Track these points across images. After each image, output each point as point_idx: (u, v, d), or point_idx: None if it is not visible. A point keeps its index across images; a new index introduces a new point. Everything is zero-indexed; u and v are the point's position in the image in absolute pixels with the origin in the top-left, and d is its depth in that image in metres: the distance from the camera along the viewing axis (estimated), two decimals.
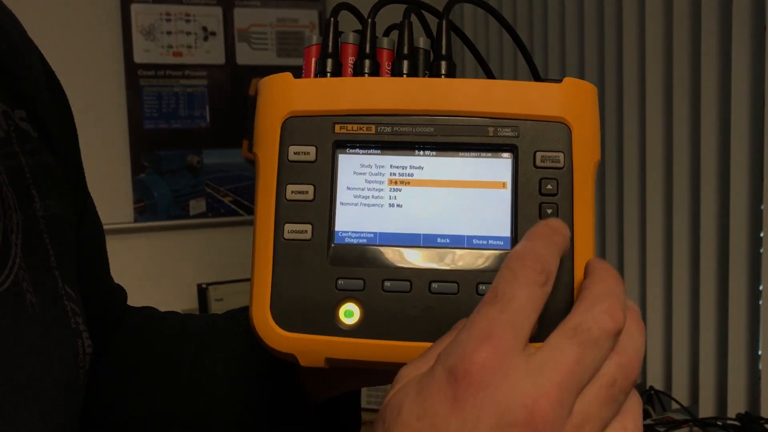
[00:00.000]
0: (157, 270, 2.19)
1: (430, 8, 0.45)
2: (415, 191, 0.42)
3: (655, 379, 1.61)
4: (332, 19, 0.44)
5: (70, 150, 0.55)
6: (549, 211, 0.40)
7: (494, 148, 0.41)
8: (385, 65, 0.44)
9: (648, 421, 1.41)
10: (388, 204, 0.42)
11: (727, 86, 1.40)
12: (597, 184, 0.41)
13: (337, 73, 0.44)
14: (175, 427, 0.55)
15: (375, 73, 0.44)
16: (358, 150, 0.42)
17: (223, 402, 0.54)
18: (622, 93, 1.65)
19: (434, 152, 0.42)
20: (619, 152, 1.67)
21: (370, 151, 0.42)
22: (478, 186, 0.41)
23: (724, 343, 1.44)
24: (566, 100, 0.41)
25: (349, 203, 0.42)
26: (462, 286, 0.40)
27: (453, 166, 0.41)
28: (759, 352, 1.39)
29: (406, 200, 0.42)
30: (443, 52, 0.43)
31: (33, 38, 0.54)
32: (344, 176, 0.42)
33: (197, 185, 2.24)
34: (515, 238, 0.40)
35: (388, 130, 0.41)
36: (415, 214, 0.41)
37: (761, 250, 1.36)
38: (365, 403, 1.29)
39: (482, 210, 0.41)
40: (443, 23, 0.43)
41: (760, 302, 1.38)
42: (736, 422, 1.31)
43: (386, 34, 0.46)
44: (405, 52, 0.43)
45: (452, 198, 0.41)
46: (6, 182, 0.45)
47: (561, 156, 0.40)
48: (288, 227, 0.41)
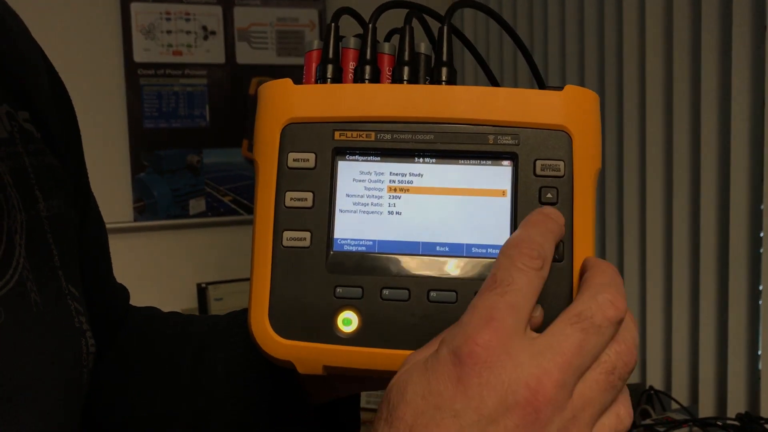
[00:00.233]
0: (157, 269, 2.19)
1: (431, 13, 0.45)
2: (415, 199, 0.41)
3: (654, 379, 1.61)
4: (333, 24, 0.44)
5: (73, 150, 0.55)
6: None
7: (494, 156, 0.41)
8: (386, 71, 0.44)
9: (648, 421, 1.41)
10: (387, 211, 0.41)
11: (727, 86, 1.40)
12: (597, 185, 0.41)
13: (338, 79, 0.43)
14: (175, 427, 0.55)
15: (375, 79, 0.43)
16: (357, 157, 0.42)
17: (223, 402, 0.54)
18: (622, 90, 1.65)
19: (434, 160, 0.42)
20: (619, 151, 1.67)
21: (369, 158, 0.42)
22: (477, 194, 0.41)
23: (723, 343, 1.44)
24: (567, 108, 0.41)
25: (348, 210, 0.42)
26: (461, 295, 0.40)
27: (453, 173, 0.41)
28: (759, 352, 1.39)
29: (406, 208, 0.41)
30: (444, 58, 0.43)
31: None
32: (343, 183, 0.42)
33: (197, 185, 2.24)
34: None
35: (388, 137, 0.41)
36: (414, 222, 0.41)
37: (761, 250, 1.36)
38: (365, 403, 1.29)
39: (482, 218, 0.41)
40: (444, 29, 0.43)
41: (760, 302, 1.38)
42: (735, 422, 1.31)
43: (387, 39, 0.46)
44: (406, 58, 0.43)
45: (452, 206, 0.41)
46: (10, 183, 0.45)
47: (561, 164, 0.40)
48: (287, 234, 0.41)
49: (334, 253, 0.41)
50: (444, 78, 0.42)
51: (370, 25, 0.43)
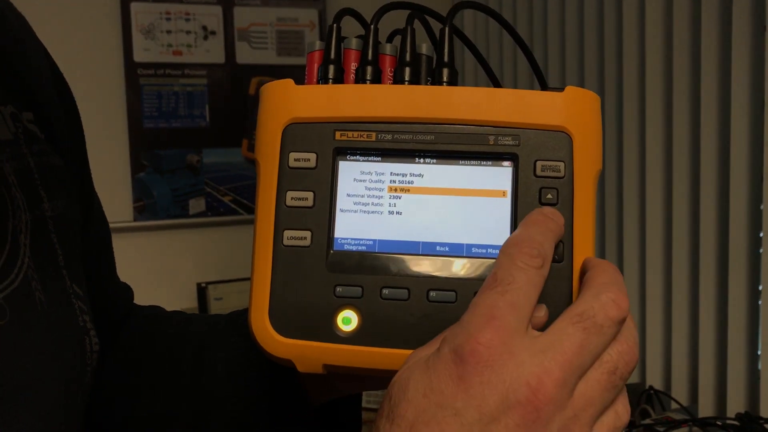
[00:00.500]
0: (157, 269, 2.19)
1: (433, 14, 0.45)
2: (415, 199, 0.42)
3: (654, 379, 1.61)
4: (335, 25, 0.44)
5: (77, 150, 0.56)
6: None
7: (495, 157, 0.41)
8: (388, 71, 0.44)
9: (647, 421, 1.41)
10: (387, 211, 0.42)
11: (727, 86, 1.40)
12: (597, 185, 0.41)
13: (339, 80, 0.44)
14: (175, 427, 0.55)
15: (377, 80, 0.43)
16: (358, 157, 0.42)
17: (223, 402, 0.54)
18: (622, 90, 1.65)
19: (435, 160, 0.42)
20: (619, 151, 1.67)
21: (370, 158, 0.42)
22: (478, 194, 0.41)
23: (723, 343, 1.45)
24: (568, 109, 0.41)
25: (348, 210, 0.42)
26: (460, 295, 0.40)
27: (453, 174, 0.41)
28: (758, 352, 1.39)
29: (406, 208, 0.42)
30: (445, 59, 0.43)
31: None
32: (344, 183, 0.42)
33: (197, 184, 2.24)
34: None
35: (389, 137, 0.41)
36: (414, 222, 0.41)
37: (761, 250, 1.36)
38: (365, 403, 1.29)
39: (482, 219, 0.41)
40: (446, 30, 0.43)
41: (760, 302, 1.38)
42: (735, 422, 1.31)
43: (389, 40, 0.46)
44: (407, 59, 0.43)
45: (452, 206, 0.41)
46: (15, 183, 0.46)
47: (561, 165, 0.40)
48: (287, 233, 0.41)
49: (335, 252, 0.41)
50: (445, 79, 0.42)
51: (372, 25, 0.44)
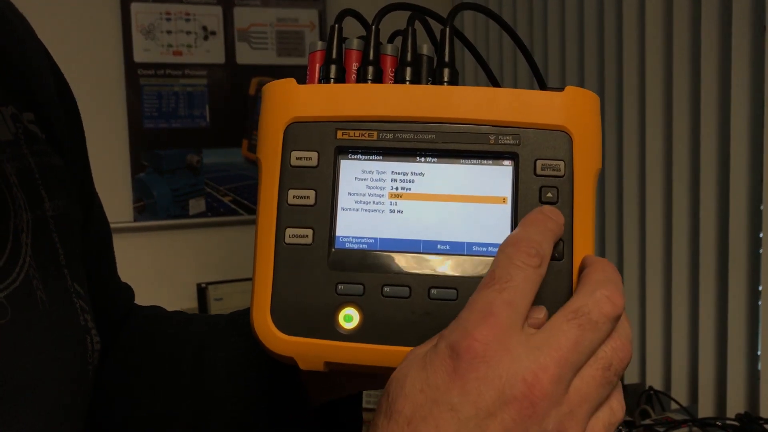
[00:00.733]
0: (157, 269, 2.19)
1: (434, 15, 0.45)
2: (416, 197, 0.42)
3: (654, 379, 1.61)
4: (336, 25, 0.44)
5: (77, 150, 0.56)
6: None
7: (495, 156, 0.41)
8: (389, 71, 0.44)
9: (647, 421, 1.41)
10: (388, 210, 0.42)
11: (727, 87, 1.40)
12: (597, 185, 0.41)
13: (341, 80, 0.44)
14: (175, 427, 0.55)
15: (378, 80, 0.44)
16: (359, 156, 0.42)
17: (223, 402, 0.54)
18: (622, 90, 1.65)
19: (435, 159, 0.42)
20: (619, 151, 1.67)
21: (371, 157, 0.42)
22: (478, 193, 0.42)
23: (723, 344, 1.45)
24: (567, 108, 0.41)
25: (350, 208, 0.42)
26: (461, 293, 0.40)
27: (454, 173, 0.42)
28: (758, 352, 1.39)
29: (407, 206, 0.42)
30: (446, 59, 0.43)
31: None
32: (346, 182, 0.42)
33: (197, 184, 2.24)
34: None
35: (390, 136, 0.42)
36: (415, 221, 0.42)
37: (761, 250, 1.36)
38: (365, 403, 1.29)
39: (482, 217, 0.41)
40: (447, 31, 0.43)
41: (760, 302, 1.38)
42: (735, 422, 1.31)
43: (390, 41, 0.46)
44: (408, 59, 0.43)
45: (452, 205, 0.42)
46: (16, 183, 0.46)
47: (561, 164, 0.41)
48: (289, 232, 0.41)
49: (336, 250, 0.41)
50: (446, 79, 0.43)
51: (373, 26, 0.44)
